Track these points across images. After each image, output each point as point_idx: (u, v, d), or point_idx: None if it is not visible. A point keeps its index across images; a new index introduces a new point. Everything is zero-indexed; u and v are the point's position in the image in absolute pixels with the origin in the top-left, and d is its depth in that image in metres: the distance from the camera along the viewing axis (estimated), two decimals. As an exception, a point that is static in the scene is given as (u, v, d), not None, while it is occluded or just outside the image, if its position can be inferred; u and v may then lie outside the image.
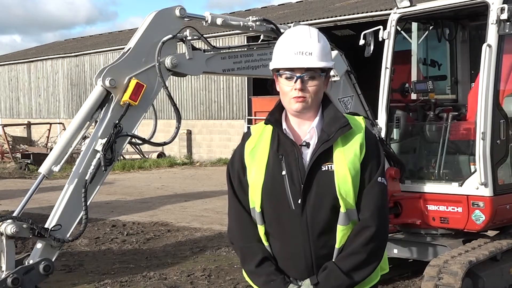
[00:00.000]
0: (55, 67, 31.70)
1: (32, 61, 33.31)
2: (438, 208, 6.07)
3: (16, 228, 3.92)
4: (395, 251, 6.33)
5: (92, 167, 4.22)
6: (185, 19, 4.72)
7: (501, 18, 5.64)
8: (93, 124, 4.40)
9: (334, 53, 5.81)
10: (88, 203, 4.19)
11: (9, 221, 3.94)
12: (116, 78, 4.33)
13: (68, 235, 4.19)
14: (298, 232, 2.52)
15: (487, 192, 5.72)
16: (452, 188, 5.97)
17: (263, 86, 21.22)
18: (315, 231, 2.50)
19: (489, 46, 5.68)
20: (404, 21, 6.87)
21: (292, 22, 5.92)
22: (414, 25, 7.29)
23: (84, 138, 4.35)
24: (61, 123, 26.26)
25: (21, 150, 23.84)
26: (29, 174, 19.46)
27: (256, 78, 17.45)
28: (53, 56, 32.15)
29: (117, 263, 7.81)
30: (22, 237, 4.08)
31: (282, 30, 5.40)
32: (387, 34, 6.60)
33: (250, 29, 5.28)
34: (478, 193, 5.75)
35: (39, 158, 18.72)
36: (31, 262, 4.04)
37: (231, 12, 28.77)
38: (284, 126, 2.57)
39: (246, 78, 22.01)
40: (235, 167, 2.66)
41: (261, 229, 2.61)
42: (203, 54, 4.86)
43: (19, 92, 34.01)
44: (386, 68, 6.58)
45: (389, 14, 6.77)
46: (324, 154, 2.49)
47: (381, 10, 18.95)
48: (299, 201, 2.49)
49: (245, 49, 5.35)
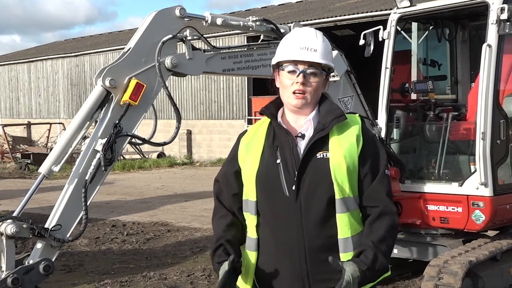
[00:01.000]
0: (55, 67, 31.69)
1: (32, 61, 33.30)
2: (438, 208, 6.07)
3: (16, 228, 3.91)
4: (395, 251, 6.33)
5: (92, 167, 4.22)
6: (185, 19, 4.72)
7: (501, 18, 5.64)
8: (93, 124, 4.39)
9: (334, 53, 5.81)
10: (88, 203, 4.19)
11: (9, 221, 3.93)
12: (116, 78, 4.33)
13: (68, 235, 4.19)
14: (292, 220, 2.51)
15: (487, 192, 5.72)
16: (452, 188, 5.97)
17: (263, 86, 21.25)
18: (309, 220, 2.50)
19: (489, 46, 5.68)
20: (404, 21, 6.87)
21: (292, 22, 5.92)
22: (414, 25, 7.29)
23: (84, 138, 4.35)
24: (61, 123, 26.25)
25: (21, 150, 23.85)
26: (29, 174, 19.46)
27: (256, 78, 17.46)
28: (53, 56, 32.15)
29: (117, 263, 7.81)
30: (22, 237, 4.07)
31: (282, 30, 5.41)
32: (387, 34, 6.60)
33: (250, 29, 5.28)
34: (478, 193, 5.75)
35: (39, 158, 18.73)
36: (31, 262, 4.04)
37: (231, 12, 28.78)
38: (279, 120, 2.62)
39: (246, 78, 22.00)
40: (225, 164, 2.77)
41: (253, 221, 2.61)
42: (203, 54, 4.86)
43: (19, 92, 34.01)
44: (386, 68, 6.59)
45: (389, 14, 6.77)
46: (320, 143, 2.52)
47: (381, 10, 18.95)
48: (293, 188, 2.50)
49: (245, 49, 5.35)
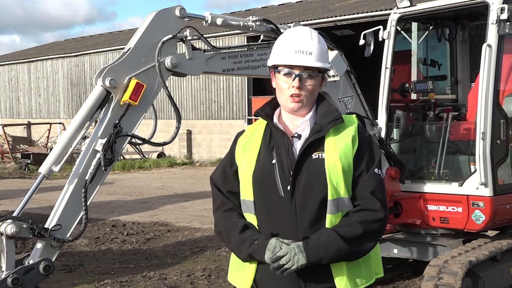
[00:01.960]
0: (55, 67, 31.69)
1: (32, 61, 33.30)
2: (438, 208, 6.07)
3: (16, 228, 3.91)
4: (395, 251, 6.33)
5: (92, 167, 4.21)
6: (185, 19, 4.72)
7: (501, 18, 5.64)
8: (93, 124, 4.39)
9: (334, 53, 5.81)
10: (88, 203, 4.19)
11: (9, 221, 3.93)
12: (116, 78, 4.33)
13: (68, 235, 4.19)
14: (287, 221, 2.51)
15: (487, 192, 5.71)
16: (452, 188, 5.97)
17: (263, 86, 21.23)
18: (304, 220, 2.50)
19: (489, 46, 5.68)
20: (404, 21, 6.87)
21: (292, 22, 5.92)
22: (414, 25, 7.29)
23: (84, 138, 4.34)
24: (61, 123, 26.25)
25: (21, 150, 23.83)
26: (29, 174, 19.45)
27: (256, 78, 17.44)
28: (53, 56, 32.14)
29: (117, 263, 7.81)
30: (22, 237, 4.07)
31: (282, 30, 5.40)
32: (387, 34, 6.60)
33: (250, 29, 5.28)
34: (478, 193, 5.75)
35: (39, 158, 18.74)
36: (31, 262, 4.04)
37: (231, 12, 28.77)
38: (275, 120, 2.63)
39: (246, 78, 22.00)
40: (223, 161, 2.78)
41: (254, 220, 2.61)
42: (203, 54, 4.86)
43: (19, 92, 34.01)
44: (386, 68, 6.58)
45: (389, 14, 6.77)
46: (316, 144, 2.53)
47: (381, 10, 18.95)
48: (288, 188, 2.50)
49: (245, 49, 5.34)
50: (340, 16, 20.53)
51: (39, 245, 4.12)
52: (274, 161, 2.54)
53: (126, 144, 4.55)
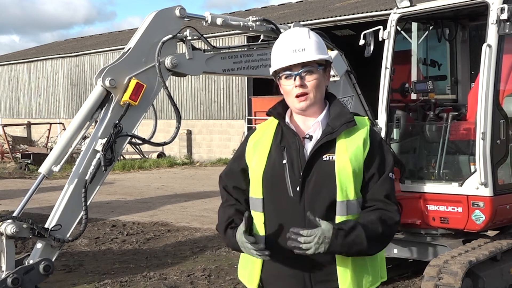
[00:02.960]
0: (55, 67, 31.70)
1: (32, 61, 33.31)
2: (438, 208, 6.07)
3: (16, 228, 3.91)
4: (395, 251, 6.33)
5: (92, 167, 4.21)
6: (185, 19, 4.72)
7: (501, 18, 5.64)
8: (93, 124, 4.39)
9: (334, 53, 5.81)
10: (88, 203, 4.19)
11: (9, 221, 3.93)
12: (116, 78, 4.32)
13: (68, 235, 4.18)
14: (295, 221, 2.51)
15: (487, 192, 5.72)
16: (452, 188, 5.97)
17: (263, 86, 21.22)
18: (312, 221, 2.49)
19: (489, 46, 5.68)
20: (404, 21, 6.87)
21: (292, 22, 5.92)
22: (414, 25, 7.29)
23: (84, 138, 4.34)
24: (61, 123, 26.27)
25: (21, 150, 23.83)
26: (29, 174, 19.46)
27: (256, 78, 17.44)
28: (53, 56, 32.16)
29: (117, 263, 7.81)
30: (22, 237, 4.06)
31: (282, 30, 5.40)
32: (387, 34, 6.60)
33: (250, 29, 5.28)
34: (478, 193, 5.75)
35: (39, 158, 18.74)
36: (31, 262, 4.03)
37: (231, 12, 28.77)
38: (287, 120, 2.63)
39: (246, 78, 22.01)
40: (232, 158, 2.80)
41: (261, 218, 2.60)
42: (203, 54, 4.86)
43: (19, 92, 34.02)
44: (386, 68, 6.58)
45: (389, 14, 6.77)
46: (327, 146, 2.52)
47: (381, 10, 18.96)
48: (298, 188, 2.51)
49: (245, 49, 5.34)
50: (340, 16, 20.54)
51: (39, 245, 4.12)
52: (285, 161, 2.54)
53: (126, 144, 4.54)
